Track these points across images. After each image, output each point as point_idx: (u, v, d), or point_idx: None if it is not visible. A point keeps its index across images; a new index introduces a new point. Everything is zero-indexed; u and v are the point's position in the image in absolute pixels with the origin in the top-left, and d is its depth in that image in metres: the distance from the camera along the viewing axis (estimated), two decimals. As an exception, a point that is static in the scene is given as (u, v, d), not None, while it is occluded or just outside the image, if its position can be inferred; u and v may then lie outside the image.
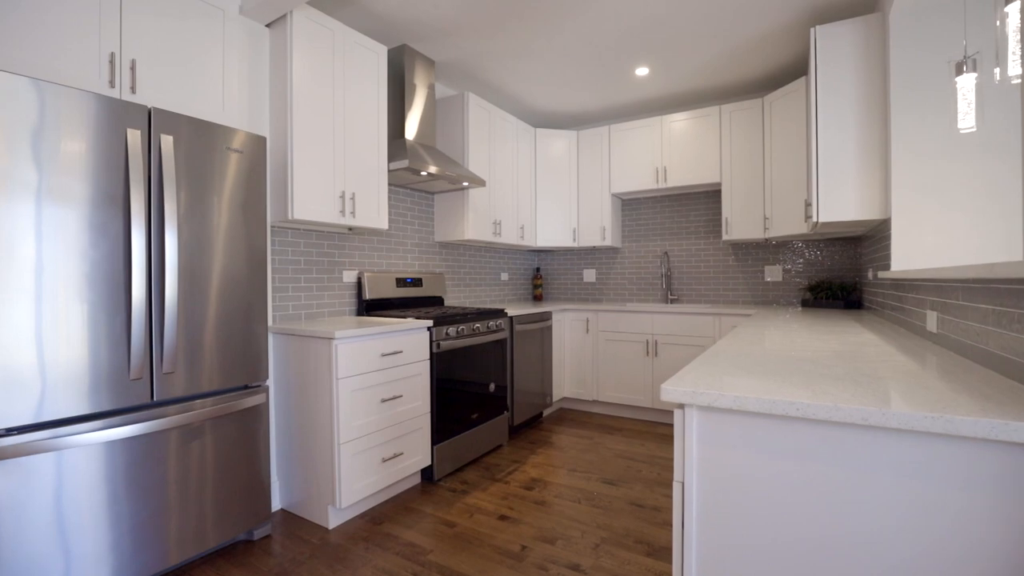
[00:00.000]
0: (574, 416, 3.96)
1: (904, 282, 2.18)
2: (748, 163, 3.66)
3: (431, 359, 2.65)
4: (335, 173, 2.50)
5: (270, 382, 2.43)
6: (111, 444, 1.65)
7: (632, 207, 4.49)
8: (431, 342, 2.65)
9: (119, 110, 1.65)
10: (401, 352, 2.45)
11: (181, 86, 2.00)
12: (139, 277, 1.69)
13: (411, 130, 3.10)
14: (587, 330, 4.01)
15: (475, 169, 3.51)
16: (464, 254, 3.97)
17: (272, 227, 2.54)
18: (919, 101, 2.29)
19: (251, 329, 2.06)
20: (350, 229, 2.87)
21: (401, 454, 2.46)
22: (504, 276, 4.47)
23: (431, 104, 3.24)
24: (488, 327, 3.06)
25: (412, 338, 2.53)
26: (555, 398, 3.92)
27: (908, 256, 2.33)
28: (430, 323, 2.63)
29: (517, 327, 3.41)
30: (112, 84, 1.80)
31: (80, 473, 1.58)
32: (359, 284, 2.99)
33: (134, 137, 1.68)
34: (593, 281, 4.68)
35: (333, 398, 2.16)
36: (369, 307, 2.99)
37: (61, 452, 1.54)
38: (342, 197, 2.52)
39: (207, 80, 2.09)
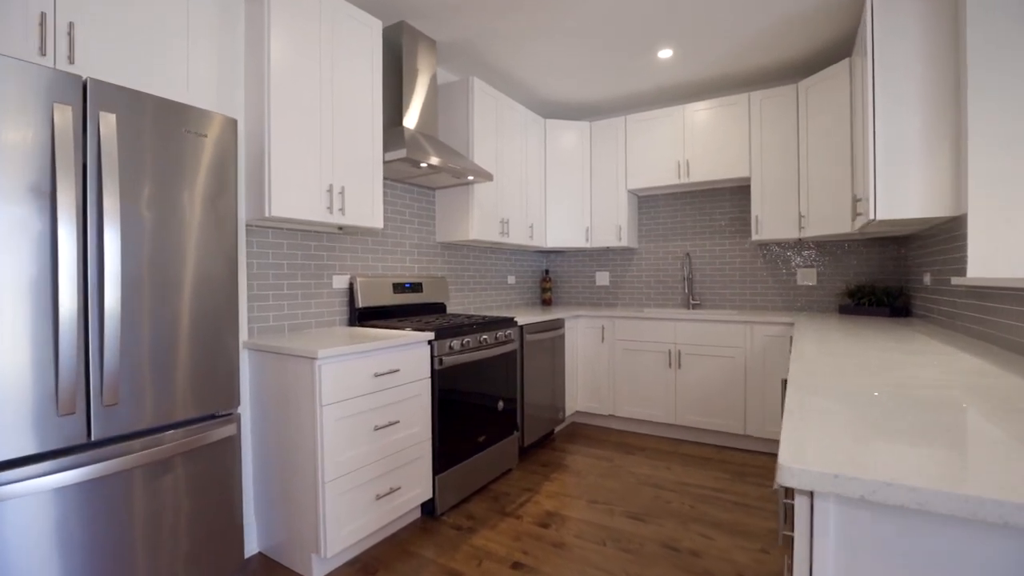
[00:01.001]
0: (589, 432, 3.63)
1: (991, 291, 1.84)
2: (780, 156, 3.32)
3: (432, 377, 2.32)
4: (321, 164, 2.17)
5: (243, 408, 2.09)
6: (38, 496, 1.32)
7: (650, 204, 4.16)
8: (432, 358, 2.32)
9: (44, 81, 1.32)
10: (398, 371, 2.12)
11: (134, 58, 1.66)
12: (68, 287, 1.36)
13: (410, 118, 2.77)
14: (602, 338, 3.67)
15: (481, 162, 3.18)
16: (468, 256, 3.64)
17: (248, 226, 2.20)
18: (1002, 79, 1.95)
19: (219, 347, 1.73)
20: (340, 228, 2.54)
21: (398, 488, 2.13)
22: (511, 279, 4.13)
23: (432, 90, 2.91)
24: (496, 338, 2.73)
25: (410, 354, 2.20)
26: (568, 412, 3.59)
27: (988, 259, 1.99)
28: (431, 336, 2.29)
29: (527, 337, 3.08)
30: (43, 51, 1.47)
31: (-11, 537, 1.25)
32: (351, 290, 2.66)
33: (63, 115, 1.35)
34: (607, 284, 4.34)
35: (316, 429, 1.82)
36: (363, 316, 2.66)
37: (-38, 512, 1.21)
38: (330, 192, 2.19)
39: (168, 53, 1.76)
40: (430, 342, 2.31)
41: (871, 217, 2.32)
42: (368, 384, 1.99)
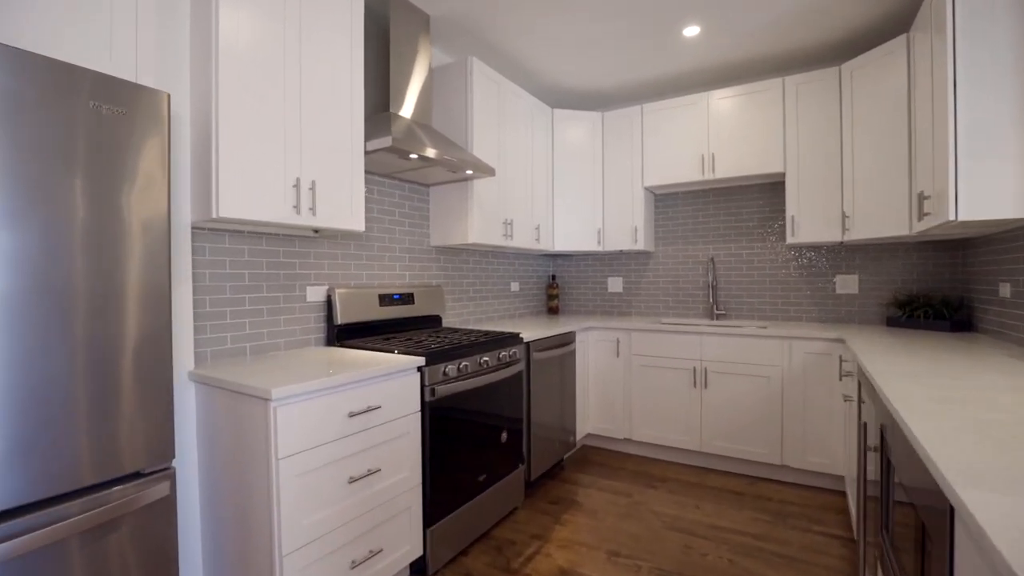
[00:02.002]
0: (602, 459, 3.24)
1: None
2: (820, 148, 2.93)
3: (423, 411, 1.93)
4: (286, 153, 1.78)
5: (189, 455, 1.70)
6: None
7: (669, 204, 3.76)
8: (423, 387, 1.92)
9: None
10: (379, 408, 1.72)
11: (30, 14, 1.27)
12: (-100, 320, 0.97)
13: (398, 103, 2.37)
14: (617, 353, 3.28)
15: (481, 156, 2.79)
16: (467, 261, 3.25)
17: (196, 229, 1.81)
18: None
19: (144, 383, 1.34)
20: (316, 231, 2.15)
21: (380, 551, 1.74)
22: (515, 286, 3.74)
23: (424, 71, 2.52)
24: (500, 359, 2.34)
25: (395, 385, 1.81)
26: (578, 436, 3.20)
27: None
28: (421, 361, 1.90)
29: (535, 355, 2.69)
30: None
31: None
32: (329, 304, 2.27)
33: None
34: (620, 291, 3.95)
35: (271, 489, 1.43)
36: (342, 334, 2.27)
37: None
38: (296, 187, 1.80)
39: (81, 7, 1.37)
40: (420, 369, 1.92)
41: (950, 218, 1.92)
42: (341, 426, 1.60)
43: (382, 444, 1.76)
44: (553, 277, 4.12)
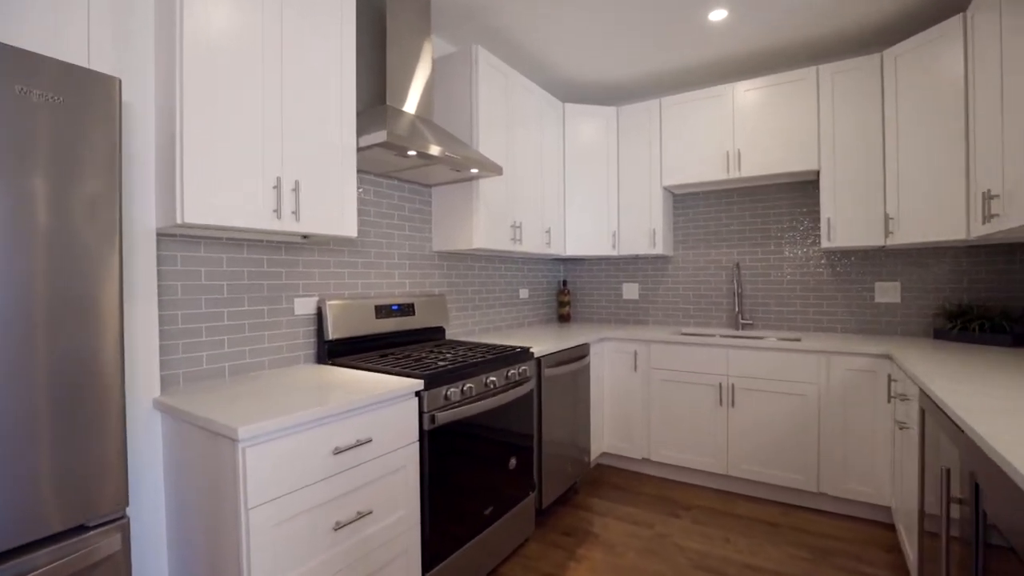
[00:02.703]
0: (618, 480, 2.99)
1: None
2: (859, 143, 2.67)
3: (422, 441, 1.70)
4: (265, 150, 1.56)
5: (147, 506, 1.48)
6: None
7: (689, 205, 3.51)
8: (422, 415, 1.70)
9: None
10: (370, 441, 1.50)
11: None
12: None
13: (396, 94, 2.16)
14: (635, 366, 3.04)
15: (487, 153, 2.56)
16: (472, 267, 3.02)
17: (163, 236, 1.60)
18: None
19: (87, 416, 1.13)
20: (305, 237, 1.94)
21: (370, 606, 1.52)
22: (523, 293, 3.51)
23: (425, 60, 2.30)
24: (508, 378, 2.11)
25: (390, 413, 1.58)
26: (593, 455, 2.96)
27: None
28: (419, 384, 1.68)
29: (547, 371, 2.45)
30: None
31: None
32: (320, 317, 2.06)
33: None
34: (635, 298, 3.70)
35: (241, 543, 1.21)
36: (334, 350, 2.05)
37: None
38: (277, 188, 1.58)
39: (16, -20, 1.16)
40: (418, 394, 1.69)
41: (1028, 221, 1.67)
42: (325, 465, 1.38)
43: (374, 481, 1.53)
44: (564, 283, 3.88)
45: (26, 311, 1.04)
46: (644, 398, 3.01)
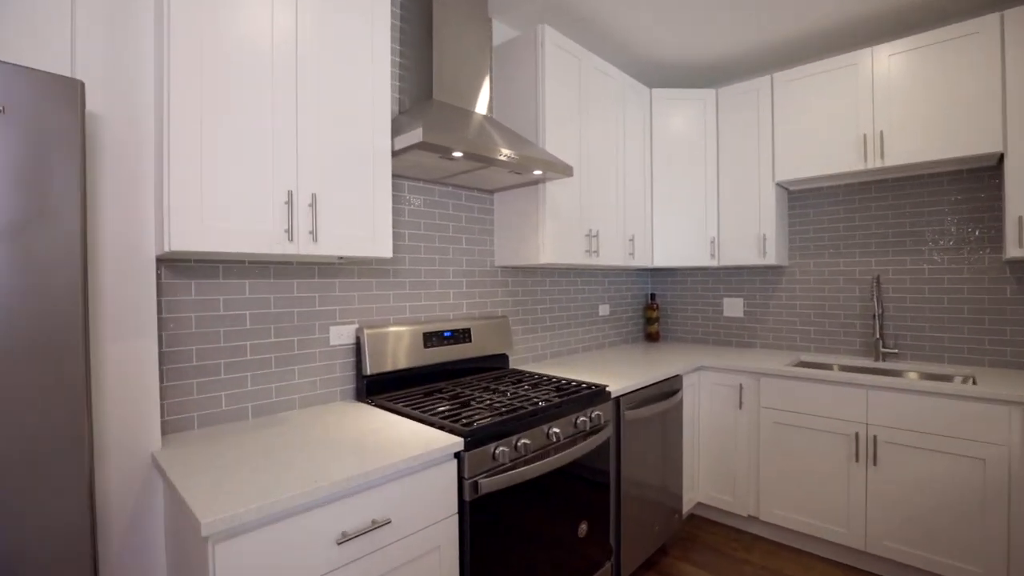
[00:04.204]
0: (717, 540, 2.46)
1: None
2: (1070, 113, 1.93)
3: (461, 515, 1.36)
4: (275, 159, 1.30)
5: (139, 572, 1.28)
6: None
7: (809, 203, 2.87)
8: (461, 481, 1.36)
9: None
10: (388, 523, 1.18)
11: None
12: None
13: (445, 87, 1.84)
14: (740, 403, 2.49)
15: (556, 151, 2.18)
16: (543, 282, 2.65)
17: (171, 262, 1.40)
18: None
19: (40, 491, 0.93)
20: (341, 258, 1.68)
21: None
22: (603, 310, 3.07)
23: (480, 48, 1.97)
24: (577, 426, 1.71)
25: (417, 483, 1.26)
26: (686, 506, 2.46)
27: None
28: (458, 443, 1.34)
29: (627, 414, 2.02)
30: None
31: None
32: (358, 347, 1.80)
33: None
34: (739, 316, 3.11)
35: (208, 668, 0.94)
36: (373, 387, 1.78)
37: None
38: (289, 204, 1.32)
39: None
40: (458, 455, 1.36)
41: None
42: (326, 559, 1.08)
43: (397, 569, 1.22)
44: (652, 297, 3.38)
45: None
46: (751, 443, 2.46)
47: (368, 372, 1.74)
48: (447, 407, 1.61)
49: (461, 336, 2.05)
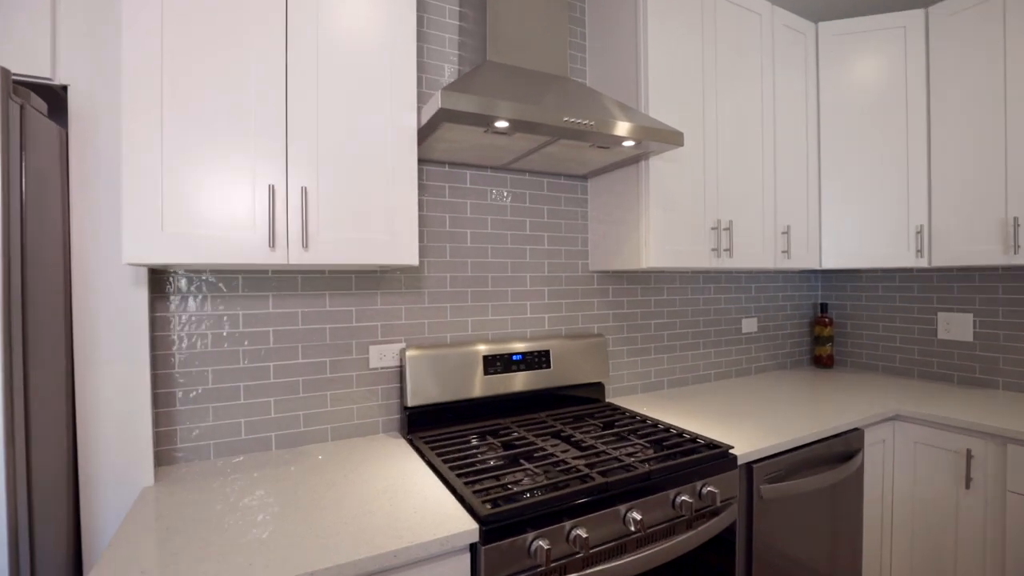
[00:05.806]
0: None
1: None
2: None
3: (476, 632, 0.95)
4: (258, 143, 1.04)
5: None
6: None
7: (1098, 167, 1.82)
8: (476, 586, 0.95)
9: None
10: (350, 647, 0.83)
11: None
12: None
13: (502, 45, 1.45)
14: (967, 478, 1.63)
15: (668, 117, 1.63)
16: (660, 289, 2.08)
17: (183, 272, 1.24)
18: None
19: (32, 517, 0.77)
20: (381, 268, 1.40)
21: None
22: (749, 325, 2.36)
23: (559, -12, 1.53)
24: (677, 507, 1.17)
25: (406, 586, 0.89)
26: (868, 619, 1.69)
27: None
28: (472, 533, 0.93)
29: (765, 488, 1.39)
30: None
31: None
32: (402, 372, 1.50)
33: None
34: (965, 339, 2.14)
35: None
36: (415, 421, 1.46)
37: None
38: (271, 199, 1.05)
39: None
40: (472, 548, 0.95)
41: None
42: None
43: None
44: (823, 308, 2.54)
45: None
46: (986, 542, 1.59)
47: (409, 404, 1.43)
48: (494, 460, 1.22)
49: (535, 360, 1.63)
